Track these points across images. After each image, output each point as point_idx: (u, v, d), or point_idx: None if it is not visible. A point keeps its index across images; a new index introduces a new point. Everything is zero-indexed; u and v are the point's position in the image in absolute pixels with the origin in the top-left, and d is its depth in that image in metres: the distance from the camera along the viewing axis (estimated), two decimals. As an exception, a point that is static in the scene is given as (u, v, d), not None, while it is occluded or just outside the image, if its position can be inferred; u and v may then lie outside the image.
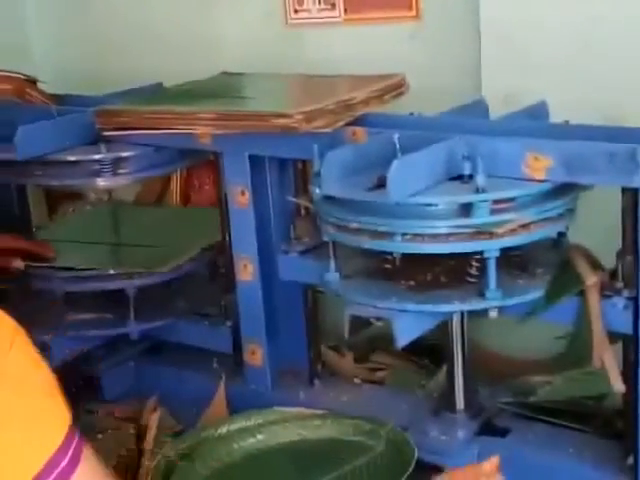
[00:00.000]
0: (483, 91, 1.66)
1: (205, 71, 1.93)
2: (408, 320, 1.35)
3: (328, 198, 1.40)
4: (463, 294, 1.37)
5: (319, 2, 1.95)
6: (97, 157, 1.69)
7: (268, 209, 1.66)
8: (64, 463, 0.94)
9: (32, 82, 1.91)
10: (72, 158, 1.70)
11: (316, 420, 1.49)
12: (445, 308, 1.37)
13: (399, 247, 1.35)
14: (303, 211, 1.65)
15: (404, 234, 1.32)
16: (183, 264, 1.80)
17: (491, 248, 1.32)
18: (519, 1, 1.61)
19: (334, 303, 1.53)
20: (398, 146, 1.38)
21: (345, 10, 1.92)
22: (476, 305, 1.36)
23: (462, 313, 1.47)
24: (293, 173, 1.69)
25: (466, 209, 1.30)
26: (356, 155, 1.39)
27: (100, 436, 1.62)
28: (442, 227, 1.31)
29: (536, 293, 1.38)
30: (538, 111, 1.52)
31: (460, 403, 1.52)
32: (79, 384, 1.81)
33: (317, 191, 1.39)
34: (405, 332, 1.35)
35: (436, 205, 1.32)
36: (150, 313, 1.79)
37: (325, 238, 1.45)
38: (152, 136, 1.64)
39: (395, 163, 1.27)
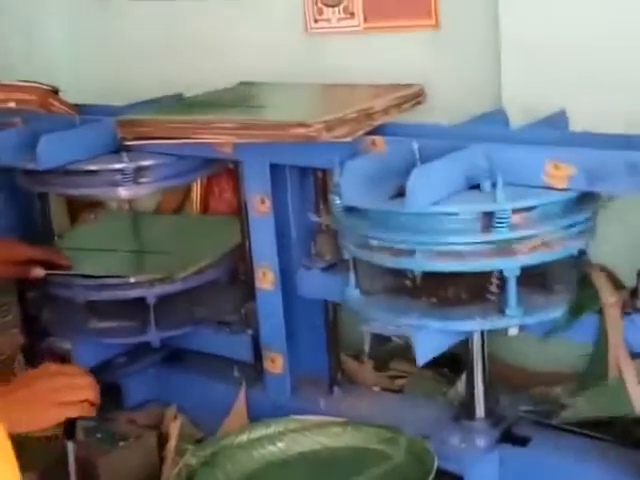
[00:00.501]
0: (503, 100, 1.66)
1: (225, 81, 1.94)
2: (429, 337, 1.37)
3: (348, 212, 1.41)
4: (484, 311, 1.38)
5: (339, 11, 1.96)
6: (118, 166, 1.71)
7: (288, 218, 1.67)
8: None
9: (54, 92, 1.93)
10: (93, 167, 1.71)
11: (336, 428, 1.50)
12: (466, 326, 1.38)
13: (419, 265, 1.36)
14: (324, 226, 1.66)
15: (424, 252, 1.33)
16: (203, 271, 1.81)
17: (511, 267, 1.33)
18: (539, 10, 1.61)
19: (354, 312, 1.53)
20: (418, 155, 1.38)
21: (365, 19, 1.93)
22: (497, 323, 1.37)
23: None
24: (313, 182, 1.69)
25: (486, 219, 1.30)
26: (375, 164, 1.40)
27: (121, 444, 1.62)
28: (461, 240, 1.32)
29: (556, 311, 1.38)
30: (558, 120, 1.52)
31: (480, 411, 1.52)
32: (100, 392, 1.82)
33: (337, 201, 1.40)
34: (426, 349, 1.36)
35: (456, 214, 1.32)
36: (171, 321, 1.80)
37: (346, 256, 1.46)
38: (173, 146, 1.65)
39: (414, 172, 1.28)
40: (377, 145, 1.50)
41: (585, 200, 1.35)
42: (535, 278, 1.41)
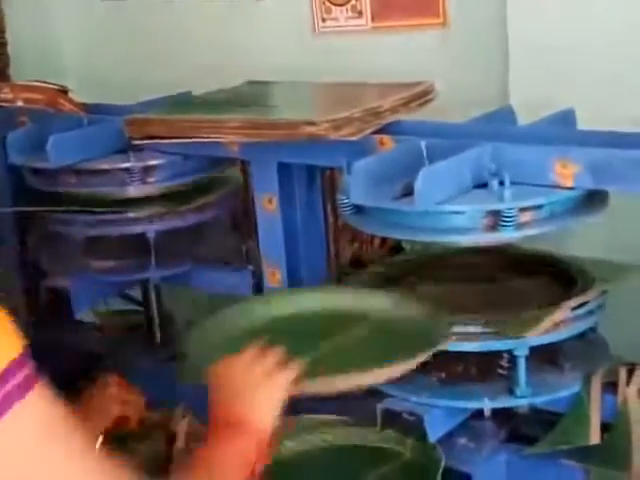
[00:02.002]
0: (511, 98, 1.66)
1: (233, 79, 1.94)
2: (439, 415, 1.40)
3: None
4: (493, 390, 1.42)
5: (347, 10, 1.96)
6: (126, 165, 1.71)
7: (295, 216, 1.67)
8: (12, 383, 0.88)
9: (64, 92, 1.94)
10: (102, 166, 1.72)
11: (343, 427, 1.49)
12: (475, 405, 1.42)
13: None
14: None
15: None
16: (202, 208, 1.79)
17: (521, 347, 1.36)
18: (547, 9, 1.61)
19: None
20: (425, 154, 1.38)
21: (372, 18, 1.93)
22: (506, 402, 1.41)
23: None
24: (321, 181, 1.69)
25: (493, 218, 1.30)
26: (383, 163, 1.40)
27: (130, 443, 1.62)
28: (467, 239, 1.33)
29: (565, 390, 1.41)
30: (565, 118, 1.52)
31: (487, 410, 1.52)
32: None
33: (345, 200, 1.40)
34: (436, 427, 1.40)
35: (462, 213, 1.32)
36: (171, 259, 1.78)
37: None
38: (181, 144, 1.65)
39: (422, 171, 1.28)
40: (385, 144, 1.50)
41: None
42: (544, 354, 1.43)
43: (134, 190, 1.73)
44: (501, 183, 1.32)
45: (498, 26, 1.70)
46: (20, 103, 1.89)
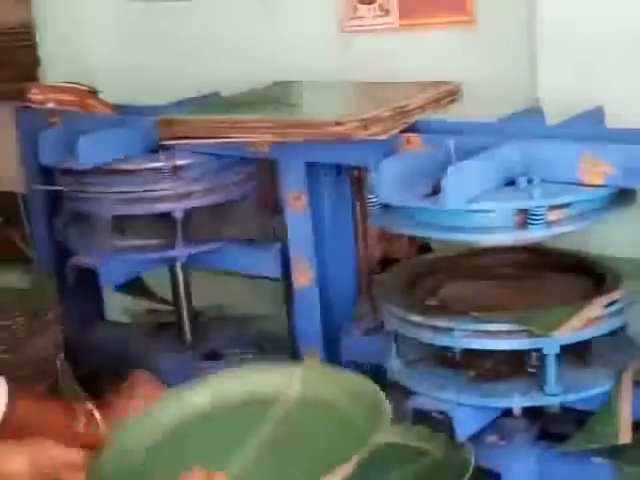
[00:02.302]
0: (539, 96, 1.65)
1: (261, 79, 1.95)
2: (469, 414, 1.40)
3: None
4: (523, 387, 1.41)
5: (373, 9, 1.96)
6: (156, 165, 1.72)
7: (324, 215, 1.68)
8: None
9: (93, 93, 1.96)
10: (132, 167, 1.73)
11: None
12: (505, 403, 1.42)
13: (459, 343, 1.41)
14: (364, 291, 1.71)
15: (464, 330, 1.38)
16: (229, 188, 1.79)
17: (551, 345, 1.36)
18: (576, 5, 1.60)
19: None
20: (453, 152, 1.38)
21: (400, 16, 1.93)
22: (536, 400, 1.40)
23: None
24: (349, 180, 1.70)
25: (522, 217, 1.30)
26: (411, 162, 1.40)
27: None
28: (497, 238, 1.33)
29: (596, 388, 1.40)
30: (594, 116, 1.51)
31: (517, 408, 1.52)
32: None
33: (373, 198, 1.41)
34: (466, 425, 1.40)
35: (492, 211, 1.32)
36: (198, 237, 1.78)
37: (388, 328, 1.50)
38: (211, 145, 1.66)
39: (450, 169, 1.28)
40: (413, 143, 1.50)
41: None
42: (574, 351, 1.43)
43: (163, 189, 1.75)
44: (530, 181, 1.32)
45: (526, 24, 1.69)
46: (51, 104, 1.91)
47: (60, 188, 1.83)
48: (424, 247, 1.84)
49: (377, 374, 1.69)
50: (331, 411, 1.26)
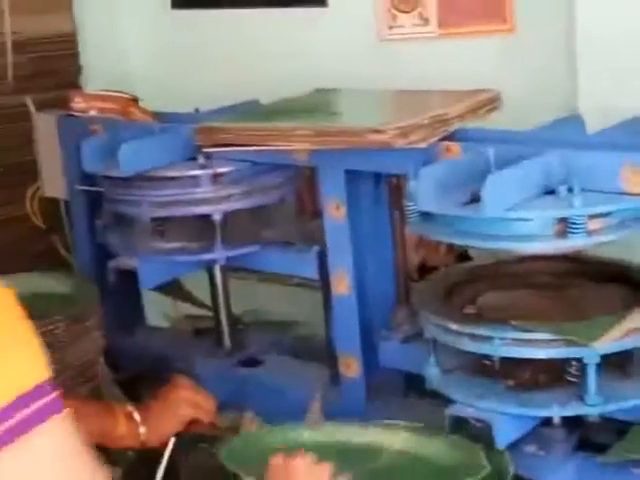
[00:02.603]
0: (579, 104, 1.65)
1: (300, 87, 1.96)
2: (508, 422, 1.40)
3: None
4: (562, 397, 1.40)
5: (413, 17, 1.97)
6: (195, 173, 1.74)
7: (363, 223, 1.68)
8: (31, 408, 0.87)
9: (134, 100, 1.98)
10: (172, 174, 1.75)
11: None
12: (544, 412, 1.41)
13: (498, 351, 1.40)
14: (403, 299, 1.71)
15: (503, 338, 1.37)
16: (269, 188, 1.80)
17: (591, 355, 1.35)
18: (617, 14, 1.60)
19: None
20: (493, 161, 1.38)
21: (439, 25, 1.93)
22: (576, 410, 1.39)
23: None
24: (387, 188, 1.70)
25: (562, 225, 1.30)
26: (450, 170, 1.40)
27: (202, 445, 1.65)
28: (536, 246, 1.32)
29: (636, 399, 1.39)
30: (635, 124, 1.50)
31: (557, 418, 1.51)
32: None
33: (412, 207, 1.41)
34: (505, 434, 1.39)
35: (531, 220, 1.32)
36: (237, 240, 1.78)
37: (426, 335, 1.50)
38: (250, 152, 1.68)
39: (489, 178, 1.28)
40: (452, 151, 1.50)
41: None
42: (614, 362, 1.42)
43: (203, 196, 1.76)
44: (570, 190, 1.32)
45: (566, 32, 1.69)
46: (93, 112, 1.94)
47: (100, 189, 1.85)
48: (462, 255, 1.84)
49: (415, 382, 1.70)
50: (430, 462, 1.39)
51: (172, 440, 1.52)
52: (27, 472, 0.88)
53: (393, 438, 1.46)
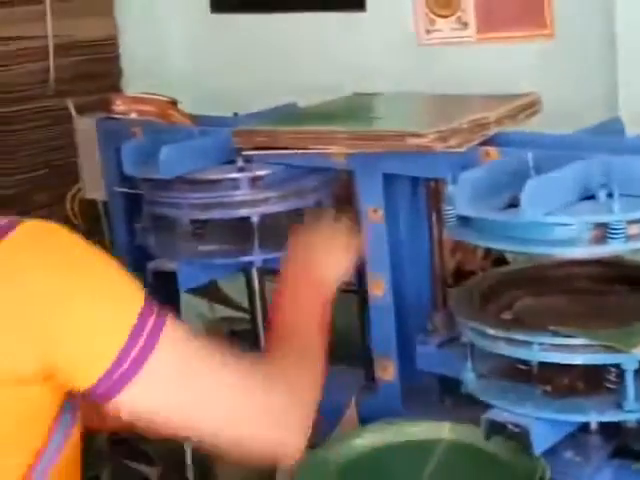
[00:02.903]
0: (620, 109, 1.64)
1: (338, 91, 1.96)
2: (545, 428, 1.39)
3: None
4: (600, 404, 1.39)
5: (451, 22, 1.97)
6: (234, 176, 1.75)
7: (400, 227, 1.68)
8: (144, 335, 0.96)
9: (173, 104, 2.00)
10: (211, 176, 1.76)
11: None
12: (582, 418, 1.41)
13: (536, 356, 1.40)
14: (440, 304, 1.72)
15: (541, 343, 1.37)
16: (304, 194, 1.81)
17: (630, 361, 1.33)
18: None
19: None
20: (532, 165, 1.38)
21: (478, 29, 1.93)
22: (613, 416, 1.38)
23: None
24: (425, 192, 1.70)
25: (601, 231, 1.30)
26: (489, 175, 1.40)
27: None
28: (575, 252, 1.32)
29: None
30: (677, 130, 1.50)
31: (594, 424, 1.50)
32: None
33: (450, 211, 1.41)
34: (542, 439, 1.38)
35: (570, 225, 1.32)
36: (275, 243, 1.77)
37: (463, 339, 1.50)
38: (288, 156, 1.69)
39: (529, 182, 1.28)
40: (491, 155, 1.50)
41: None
42: None
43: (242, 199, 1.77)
44: (609, 195, 1.31)
45: (607, 36, 1.69)
46: (133, 115, 1.96)
47: (139, 192, 1.87)
48: (499, 260, 1.84)
49: (451, 386, 1.70)
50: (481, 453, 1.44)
51: (189, 449, 1.52)
52: (165, 380, 0.97)
53: (444, 431, 1.49)
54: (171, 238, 1.85)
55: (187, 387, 0.99)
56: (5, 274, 0.92)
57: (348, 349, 1.85)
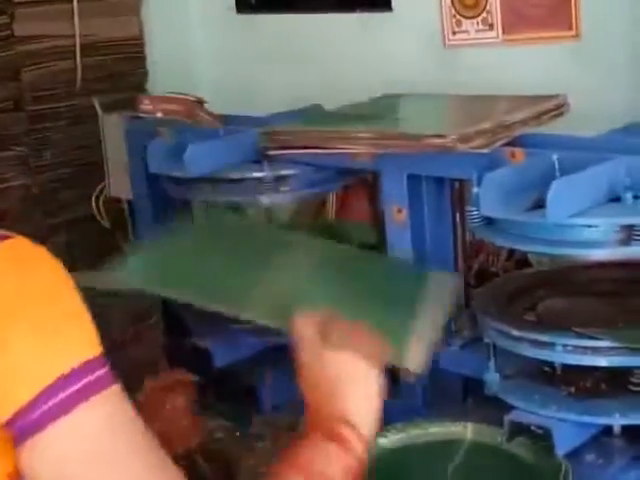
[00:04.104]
0: (646, 111, 1.64)
1: (363, 92, 1.97)
2: (568, 430, 1.39)
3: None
4: (624, 406, 1.39)
5: (477, 23, 1.96)
6: (260, 175, 1.76)
7: (424, 227, 1.68)
8: (89, 379, 0.89)
9: (200, 103, 2.01)
10: (236, 176, 1.77)
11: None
12: (605, 420, 1.40)
13: (559, 357, 1.40)
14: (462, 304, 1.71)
15: (565, 345, 1.37)
16: None
17: None
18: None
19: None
20: (557, 167, 1.38)
21: (503, 30, 1.93)
22: (637, 420, 1.38)
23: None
24: (450, 193, 1.70)
25: (626, 232, 1.29)
26: (514, 176, 1.40)
27: (259, 444, 1.67)
28: (600, 253, 1.32)
29: None
30: None
31: (617, 427, 1.50)
32: (238, 394, 1.87)
33: (474, 212, 1.41)
34: (565, 441, 1.38)
35: (596, 227, 1.32)
36: None
37: (486, 340, 1.50)
38: (313, 155, 1.69)
39: (555, 183, 1.28)
40: (516, 156, 1.50)
41: None
42: None
43: (266, 199, 1.78)
44: (636, 197, 1.31)
45: (632, 38, 1.68)
46: (159, 114, 1.97)
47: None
48: (522, 261, 1.84)
49: (474, 387, 1.70)
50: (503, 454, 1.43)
51: None
52: (76, 445, 0.89)
53: (467, 432, 1.49)
54: (207, 314, 1.87)
55: (102, 454, 0.90)
56: None
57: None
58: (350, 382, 1.01)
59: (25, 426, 0.87)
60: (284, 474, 0.98)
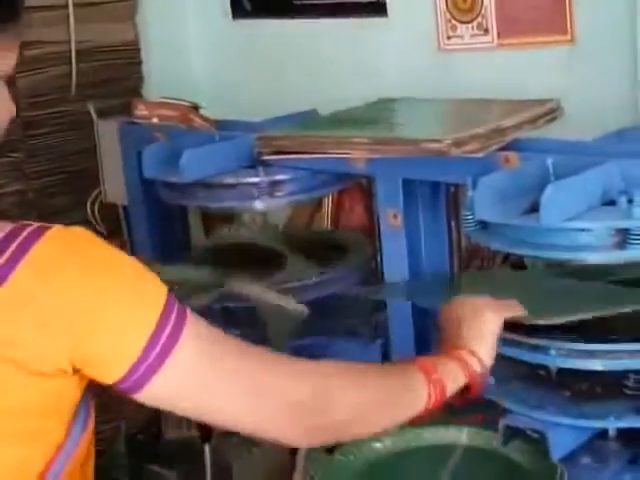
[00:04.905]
0: (640, 116, 1.64)
1: (359, 96, 1.97)
2: (563, 433, 1.39)
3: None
4: (619, 409, 1.39)
5: (472, 27, 1.97)
6: (255, 180, 1.76)
7: (419, 232, 1.69)
8: (168, 329, 0.98)
9: (195, 108, 2.01)
10: (231, 181, 1.77)
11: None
12: (600, 424, 1.40)
13: (555, 361, 1.40)
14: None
15: (560, 349, 1.37)
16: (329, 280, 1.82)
17: None
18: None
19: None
20: (552, 171, 1.38)
21: (498, 35, 1.93)
22: (632, 423, 1.38)
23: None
24: (445, 197, 1.71)
25: (621, 236, 1.30)
26: (509, 180, 1.40)
27: (256, 449, 1.67)
28: (595, 257, 1.32)
29: None
30: (698, 136, 1.49)
31: (612, 430, 1.50)
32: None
33: (469, 216, 1.41)
34: (560, 445, 1.38)
35: (590, 230, 1.32)
36: (301, 331, 1.81)
37: None
38: (308, 160, 1.69)
39: (549, 187, 1.28)
40: (511, 161, 1.50)
41: None
42: None
43: (261, 204, 1.78)
44: (630, 201, 1.31)
45: (627, 42, 1.69)
46: (155, 119, 1.97)
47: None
48: (517, 265, 1.84)
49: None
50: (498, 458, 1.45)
51: (207, 450, 1.52)
52: (185, 379, 0.99)
53: (462, 436, 1.49)
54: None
55: (209, 375, 1.01)
56: (38, 275, 0.95)
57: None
58: (471, 322, 1.29)
59: (136, 380, 0.97)
60: (409, 367, 1.20)
